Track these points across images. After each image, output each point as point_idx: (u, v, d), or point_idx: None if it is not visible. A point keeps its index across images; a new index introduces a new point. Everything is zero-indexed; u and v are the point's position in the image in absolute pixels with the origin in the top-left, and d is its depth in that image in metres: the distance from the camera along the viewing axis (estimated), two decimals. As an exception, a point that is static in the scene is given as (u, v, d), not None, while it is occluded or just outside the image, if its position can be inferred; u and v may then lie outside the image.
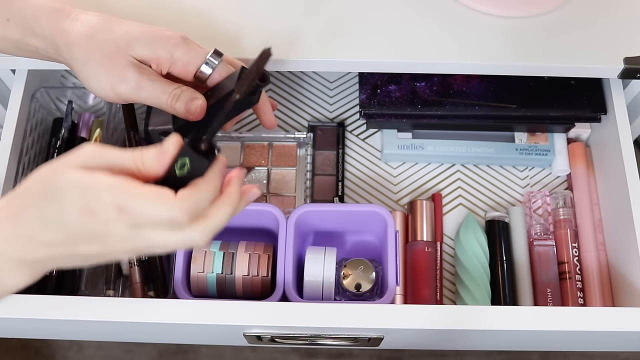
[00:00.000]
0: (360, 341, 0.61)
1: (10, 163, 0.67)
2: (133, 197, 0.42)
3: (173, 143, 0.44)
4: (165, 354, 0.76)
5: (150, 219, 0.42)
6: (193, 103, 0.55)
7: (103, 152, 0.43)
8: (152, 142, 0.73)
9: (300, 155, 0.78)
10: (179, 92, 0.55)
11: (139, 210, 0.42)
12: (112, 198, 0.41)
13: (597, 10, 0.69)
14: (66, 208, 0.42)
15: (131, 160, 0.43)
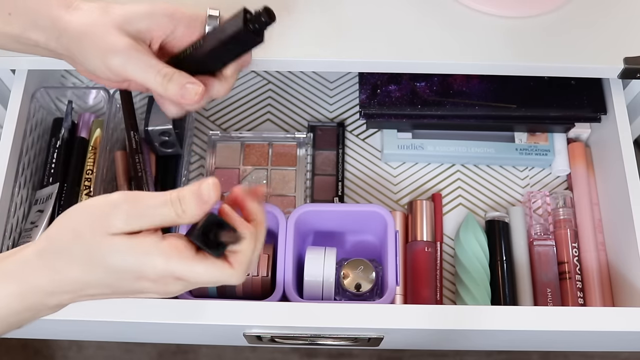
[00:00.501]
0: (360, 341, 0.61)
1: (10, 163, 0.67)
2: (191, 270, 0.42)
3: (212, 189, 0.43)
4: (165, 354, 0.76)
5: (208, 283, 0.44)
6: (190, 89, 0.54)
7: (141, 208, 0.42)
8: (152, 142, 0.73)
9: (300, 155, 0.78)
10: (171, 71, 0.54)
11: (198, 281, 0.43)
12: (170, 270, 0.42)
13: (597, 11, 0.69)
14: (120, 277, 0.43)
15: (172, 212, 0.42)
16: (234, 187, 0.47)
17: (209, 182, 0.43)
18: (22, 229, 0.70)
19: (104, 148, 0.72)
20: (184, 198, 0.42)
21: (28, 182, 0.71)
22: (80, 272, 0.42)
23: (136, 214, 0.42)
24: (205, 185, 0.43)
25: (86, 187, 0.72)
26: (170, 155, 0.75)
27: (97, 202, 0.43)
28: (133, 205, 0.42)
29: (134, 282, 0.43)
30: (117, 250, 0.41)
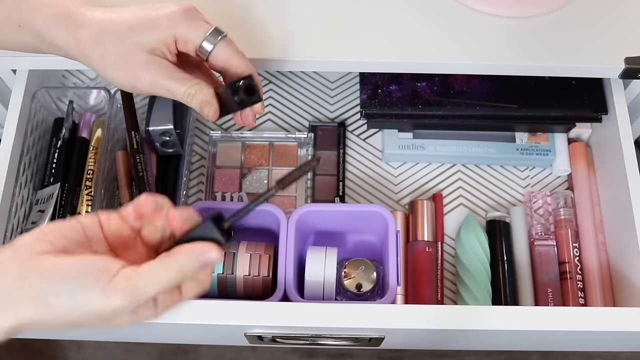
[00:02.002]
0: (361, 341, 0.61)
1: (11, 163, 0.67)
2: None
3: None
4: (165, 354, 0.76)
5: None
6: (206, 108, 0.56)
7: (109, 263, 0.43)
8: (153, 142, 0.73)
9: (301, 155, 0.78)
10: (193, 91, 0.55)
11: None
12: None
13: (597, 10, 0.69)
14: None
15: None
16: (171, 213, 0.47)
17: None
18: (23, 229, 0.70)
19: (105, 148, 0.72)
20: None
21: (29, 182, 0.71)
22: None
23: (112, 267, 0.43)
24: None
25: (87, 187, 0.72)
26: (171, 155, 0.75)
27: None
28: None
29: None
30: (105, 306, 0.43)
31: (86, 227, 0.46)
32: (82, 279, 0.42)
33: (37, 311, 0.42)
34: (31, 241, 0.44)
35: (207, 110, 0.56)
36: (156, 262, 0.43)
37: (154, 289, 0.43)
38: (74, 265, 0.43)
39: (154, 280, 0.43)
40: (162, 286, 0.43)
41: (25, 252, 0.43)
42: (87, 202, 0.71)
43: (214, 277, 0.64)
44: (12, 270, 0.43)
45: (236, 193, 0.76)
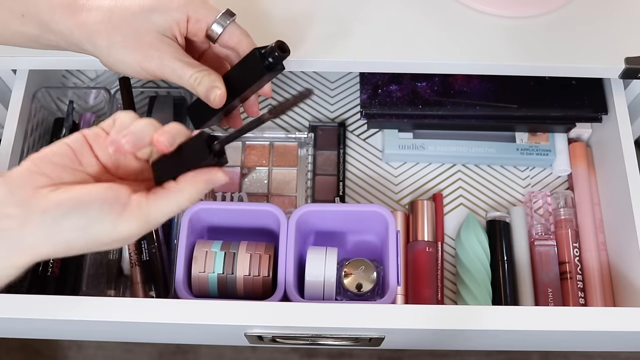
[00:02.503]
0: (361, 341, 0.61)
1: (12, 163, 0.67)
2: None
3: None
4: (165, 354, 0.76)
5: None
6: (212, 92, 0.56)
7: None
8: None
9: (301, 155, 0.78)
10: (200, 76, 0.55)
11: None
12: None
13: (597, 10, 0.69)
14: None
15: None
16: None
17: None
18: (23, 229, 0.70)
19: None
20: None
21: (29, 182, 0.71)
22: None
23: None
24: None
25: (87, 187, 0.72)
26: (171, 155, 0.75)
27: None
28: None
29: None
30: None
31: (75, 149, 0.46)
32: (93, 211, 0.43)
33: (50, 246, 0.43)
34: (25, 175, 0.44)
35: (213, 95, 0.56)
36: (166, 193, 0.45)
37: (165, 217, 0.45)
38: (79, 197, 0.43)
39: (165, 211, 0.45)
40: (170, 214, 0.45)
41: (23, 188, 0.43)
42: (87, 202, 0.71)
43: (214, 277, 0.65)
44: (12, 210, 0.43)
45: (236, 193, 0.76)
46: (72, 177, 0.45)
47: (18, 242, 0.43)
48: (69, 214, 0.43)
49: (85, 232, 0.43)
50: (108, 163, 0.48)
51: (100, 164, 0.47)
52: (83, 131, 0.47)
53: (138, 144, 0.46)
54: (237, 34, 0.57)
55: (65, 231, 0.43)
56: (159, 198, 0.45)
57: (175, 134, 0.46)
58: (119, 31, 0.54)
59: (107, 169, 0.48)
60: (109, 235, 0.44)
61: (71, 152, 0.46)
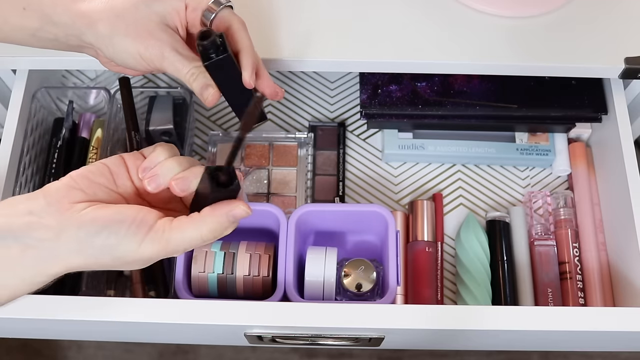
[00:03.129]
0: (361, 341, 0.61)
1: (12, 163, 0.67)
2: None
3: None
4: (165, 354, 0.76)
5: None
6: (206, 90, 0.56)
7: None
8: (153, 142, 0.73)
9: (301, 155, 0.78)
10: (197, 72, 0.56)
11: None
12: None
13: (597, 10, 0.69)
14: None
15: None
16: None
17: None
18: (22, 229, 0.70)
19: (105, 148, 0.72)
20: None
21: (29, 182, 0.71)
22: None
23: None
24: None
25: (87, 187, 0.72)
26: (171, 155, 0.75)
27: None
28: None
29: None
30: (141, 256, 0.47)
31: (113, 171, 0.48)
32: (122, 231, 0.45)
33: (81, 259, 0.46)
34: (63, 190, 0.46)
35: (206, 93, 0.56)
36: (188, 221, 0.46)
37: (185, 245, 0.46)
38: (112, 217, 0.45)
39: (186, 238, 0.46)
40: (194, 245, 0.47)
41: (60, 202, 0.46)
42: (87, 202, 0.71)
43: (213, 277, 0.65)
44: (50, 221, 0.45)
45: (236, 193, 0.76)
46: (106, 197, 0.47)
47: (52, 252, 0.46)
48: (101, 231, 0.45)
49: (112, 249, 0.45)
50: (141, 187, 0.50)
51: (134, 187, 0.49)
52: (123, 154, 0.49)
53: (159, 186, 0.49)
54: (225, 19, 0.57)
55: (96, 247, 0.45)
56: (181, 225, 0.46)
57: (191, 179, 0.48)
58: (121, 20, 0.54)
59: (140, 193, 0.50)
60: (132, 255, 0.46)
61: (108, 172, 0.48)
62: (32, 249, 0.46)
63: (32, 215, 0.45)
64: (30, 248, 0.46)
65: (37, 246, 0.46)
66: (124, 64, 0.57)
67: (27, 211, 0.46)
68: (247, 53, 0.58)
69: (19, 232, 0.46)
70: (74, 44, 0.57)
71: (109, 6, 0.55)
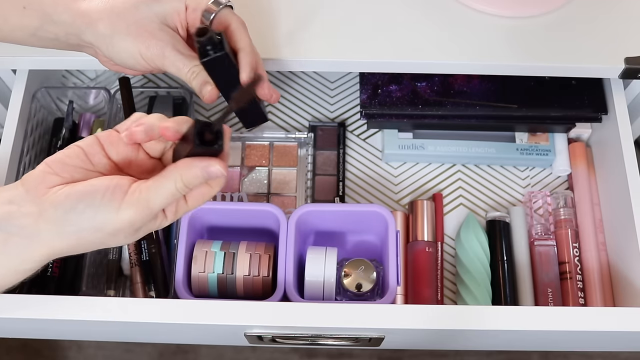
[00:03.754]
0: (361, 341, 0.61)
1: (11, 163, 0.67)
2: None
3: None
4: (165, 354, 0.76)
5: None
6: (204, 88, 0.57)
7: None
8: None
9: (301, 155, 0.78)
10: (197, 70, 0.56)
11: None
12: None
13: (597, 10, 0.69)
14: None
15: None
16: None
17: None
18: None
19: (104, 148, 0.71)
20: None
21: (29, 182, 0.71)
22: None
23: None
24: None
25: (87, 187, 0.72)
26: (171, 155, 0.75)
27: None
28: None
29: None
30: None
31: (87, 150, 0.48)
32: (97, 200, 0.45)
33: (63, 240, 0.46)
34: (40, 176, 0.46)
35: (205, 90, 0.57)
36: (162, 174, 0.46)
37: (164, 198, 0.46)
38: (84, 190, 0.45)
39: (162, 192, 0.45)
40: (170, 198, 0.46)
41: (37, 188, 0.46)
42: (87, 202, 0.71)
43: (213, 277, 0.65)
44: (29, 208, 0.46)
45: (236, 193, 0.76)
46: (84, 177, 0.47)
47: (34, 238, 0.46)
48: (76, 205, 0.45)
49: (91, 221, 0.45)
50: (120, 162, 0.49)
51: (111, 162, 0.49)
52: (96, 134, 0.49)
53: (150, 133, 0.48)
54: (225, 19, 0.57)
55: (74, 224, 0.45)
56: (156, 180, 0.46)
57: (181, 123, 0.48)
58: (121, 19, 0.55)
59: (119, 167, 0.49)
60: (113, 223, 0.45)
61: (82, 153, 0.48)
62: (15, 237, 0.46)
63: (12, 204, 0.46)
64: (13, 236, 0.46)
65: (18, 233, 0.46)
66: (122, 63, 0.57)
67: (7, 201, 0.46)
68: (245, 52, 0.58)
69: (0, 221, 0.46)
70: (74, 43, 0.57)
71: (109, 6, 0.55)
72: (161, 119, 0.48)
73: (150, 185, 0.45)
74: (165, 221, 0.48)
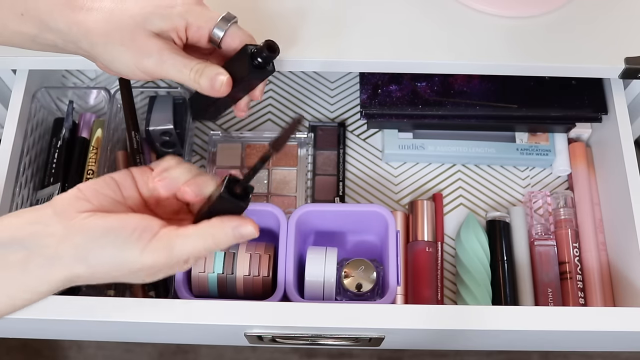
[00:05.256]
0: (361, 341, 0.61)
1: (12, 163, 0.67)
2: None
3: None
4: (165, 354, 0.76)
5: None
6: (217, 79, 0.55)
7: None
8: (153, 142, 0.73)
9: (301, 155, 0.78)
10: (202, 66, 0.55)
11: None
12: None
13: (597, 10, 0.69)
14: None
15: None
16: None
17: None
18: (22, 229, 0.70)
19: (105, 148, 0.72)
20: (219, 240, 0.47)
21: (29, 182, 0.71)
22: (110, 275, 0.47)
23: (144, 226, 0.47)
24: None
25: (87, 187, 0.72)
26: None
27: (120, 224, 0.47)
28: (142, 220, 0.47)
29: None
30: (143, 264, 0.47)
31: (120, 183, 0.49)
32: (124, 237, 0.46)
33: (83, 267, 0.47)
34: (70, 200, 0.47)
35: (219, 82, 0.55)
36: (193, 230, 0.47)
37: (188, 254, 0.46)
38: (115, 224, 0.46)
39: (189, 246, 0.46)
40: (197, 254, 0.47)
41: (66, 211, 0.47)
42: (87, 202, 0.71)
43: (214, 277, 0.65)
44: (56, 229, 0.46)
45: (236, 193, 0.76)
46: (113, 207, 0.48)
47: (56, 259, 0.47)
48: (102, 237, 0.46)
49: (115, 257, 0.46)
50: (149, 199, 0.50)
51: (141, 198, 0.50)
52: (131, 168, 0.50)
53: (171, 189, 0.50)
54: (238, 36, 0.56)
55: (98, 254, 0.46)
56: (186, 232, 0.47)
57: (202, 185, 0.49)
58: (117, 30, 0.54)
59: (148, 204, 0.50)
60: (135, 262, 0.46)
61: (115, 184, 0.49)
62: (37, 256, 0.47)
63: (39, 224, 0.47)
64: (35, 255, 0.47)
65: (41, 253, 0.46)
66: (119, 73, 0.57)
67: (34, 221, 0.47)
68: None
69: (25, 240, 0.47)
70: (72, 50, 0.57)
71: (105, 17, 0.54)
72: (188, 174, 0.49)
73: (180, 234, 0.46)
74: (187, 266, 0.49)
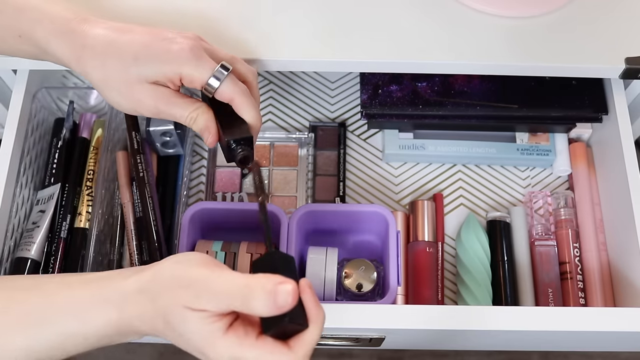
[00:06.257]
0: (362, 341, 0.61)
1: (12, 163, 0.67)
2: (251, 354, 0.45)
3: (290, 297, 0.43)
4: (165, 354, 0.76)
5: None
6: (205, 133, 0.57)
7: (211, 293, 0.44)
8: (154, 142, 0.73)
9: (302, 155, 0.78)
10: (195, 115, 0.56)
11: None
12: (229, 355, 0.45)
13: (598, 10, 0.69)
14: (188, 345, 0.46)
15: (239, 304, 0.44)
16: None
17: (288, 290, 0.43)
18: (23, 229, 0.70)
19: (105, 148, 0.72)
20: (255, 296, 0.43)
21: (29, 182, 0.71)
22: (161, 323, 0.46)
23: (206, 297, 0.44)
24: (284, 292, 0.43)
25: (88, 188, 0.72)
26: (171, 156, 0.75)
27: (183, 269, 0.46)
28: (205, 287, 0.44)
29: (198, 353, 0.46)
30: (187, 326, 0.45)
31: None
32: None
33: (150, 330, 0.47)
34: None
35: (205, 136, 0.57)
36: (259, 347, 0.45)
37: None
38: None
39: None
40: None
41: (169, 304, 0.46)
42: (87, 202, 0.71)
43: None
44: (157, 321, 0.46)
45: (236, 193, 0.76)
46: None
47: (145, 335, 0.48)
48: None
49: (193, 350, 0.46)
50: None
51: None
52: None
53: None
54: (228, 92, 0.55)
55: (178, 343, 0.47)
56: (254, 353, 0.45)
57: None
58: (112, 80, 0.55)
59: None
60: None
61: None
62: (133, 334, 0.48)
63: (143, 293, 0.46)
64: (133, 332, 0.47)
65: (139, 329, 0.47)
66: (121, 110, 0.58)
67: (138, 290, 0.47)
68: (255, 131, 0.58)
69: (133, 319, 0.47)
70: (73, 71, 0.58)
71: (101, 64, 0.54)
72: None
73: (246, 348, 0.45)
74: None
